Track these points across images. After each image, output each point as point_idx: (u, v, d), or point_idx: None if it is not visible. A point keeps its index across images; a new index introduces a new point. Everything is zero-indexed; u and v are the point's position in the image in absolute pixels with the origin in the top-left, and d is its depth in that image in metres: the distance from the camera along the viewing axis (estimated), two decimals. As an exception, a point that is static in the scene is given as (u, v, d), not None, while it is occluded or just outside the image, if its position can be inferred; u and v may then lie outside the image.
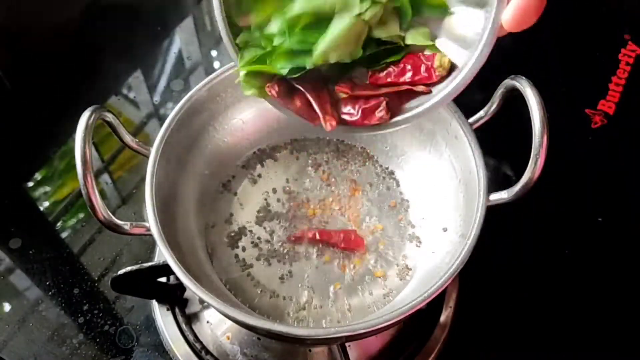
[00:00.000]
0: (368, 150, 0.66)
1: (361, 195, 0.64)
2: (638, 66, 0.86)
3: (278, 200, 0.63)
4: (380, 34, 0.42)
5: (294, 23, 0.41)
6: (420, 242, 0.60)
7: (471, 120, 0.54)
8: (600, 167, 0.77)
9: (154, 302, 0.63)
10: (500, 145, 0.59)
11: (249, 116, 0.63)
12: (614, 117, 0.81)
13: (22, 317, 0.63)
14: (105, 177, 0.75)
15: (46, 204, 0.73)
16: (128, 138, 0.52)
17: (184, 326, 0.61)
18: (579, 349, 0.63)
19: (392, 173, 0.65)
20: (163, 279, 0.63)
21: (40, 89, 0.81)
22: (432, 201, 0.60)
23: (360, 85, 0.44)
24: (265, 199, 0.63)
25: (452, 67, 0.41)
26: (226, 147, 0.63)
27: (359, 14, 0.39)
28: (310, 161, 0.66)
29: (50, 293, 0.65)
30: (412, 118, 0.43)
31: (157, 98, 0.84)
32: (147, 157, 0.52)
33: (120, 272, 0.54)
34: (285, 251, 0.59)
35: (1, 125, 0.77)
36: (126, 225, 0.47)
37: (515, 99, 0.49)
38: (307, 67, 0.42)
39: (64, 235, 0.70)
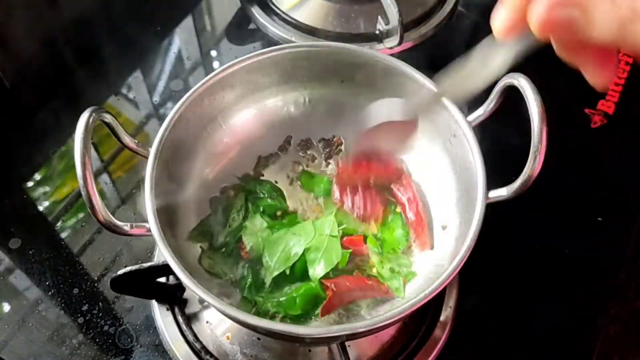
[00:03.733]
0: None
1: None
2: (638, 66, 0.86)
3: (279, 199, 0.63)
4: None
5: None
6: (420, 240, 0.60)
7: (470, 118, 0.54)
8: (600, 167, 0.77)
9: (154, 302, 0.63)
10: (499, 142, 0.59)
11: (248, 116, 0.63)
12: (614, 117, 0.81)
13: (22, 317, 0.63)
14: (105, 177, 0.75)
15: (46, 204, 0.73)
16: (127, 139, 0.52)
17: (183, 326, 0.61)
18: (579, 349, 0.63)
19: (391, 172, 0.65)
20: (163, 279, 0.63)
21: (40, 89, 0.81)
22: (431, 199, 0.60)
23: None
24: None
25: None
26: (226, 146, 0.63)
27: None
28: (310, 160, 0.66)
29: (50, 293, 0.65)
30: None
31: (156, 98, 0.84)
32: (146, 157, 0.51)
33: (120, 272, 0.54)
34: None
35: (1, 125, 0.77)
36: (126, 226, 0.47)
37: (513, 96, 0.49)
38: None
39: (63, 235, 0.70)
